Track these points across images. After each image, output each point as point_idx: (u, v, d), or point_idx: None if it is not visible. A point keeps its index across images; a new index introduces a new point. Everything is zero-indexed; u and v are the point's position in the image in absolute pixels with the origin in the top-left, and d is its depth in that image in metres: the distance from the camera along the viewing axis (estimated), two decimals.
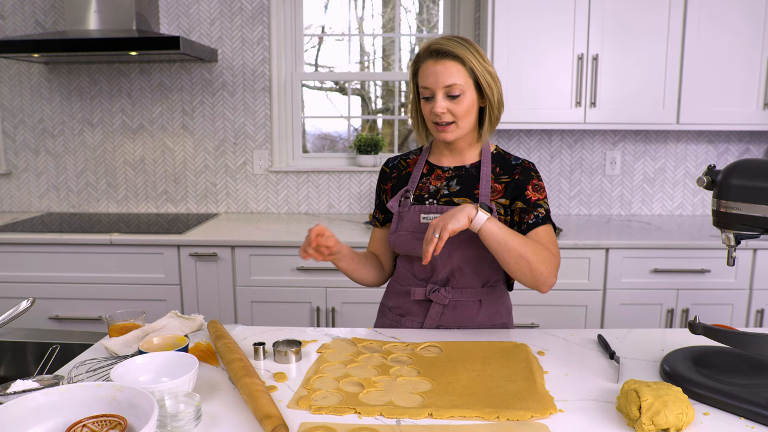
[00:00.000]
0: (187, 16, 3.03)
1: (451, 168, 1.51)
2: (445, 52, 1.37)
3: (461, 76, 1.38)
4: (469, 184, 1.48)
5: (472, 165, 1.50)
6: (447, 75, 1.37)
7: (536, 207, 1.44)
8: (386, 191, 1.58)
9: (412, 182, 1.53)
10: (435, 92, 1.39)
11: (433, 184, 1.51)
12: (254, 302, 2.61)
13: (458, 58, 1.37)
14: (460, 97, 1.39)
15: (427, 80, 1.40)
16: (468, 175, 1.49)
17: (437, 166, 1.53)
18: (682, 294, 2.53)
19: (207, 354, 1.30)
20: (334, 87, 3.35)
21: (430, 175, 1.53)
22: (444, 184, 1.50)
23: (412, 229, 1.48)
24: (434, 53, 1.39)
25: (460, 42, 1.39)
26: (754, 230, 1.13)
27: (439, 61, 1.38)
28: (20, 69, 3.11)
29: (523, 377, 1.19)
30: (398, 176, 1.58)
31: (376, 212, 1.63)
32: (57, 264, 2.62)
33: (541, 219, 1.43)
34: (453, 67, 1.38)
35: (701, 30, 2.62)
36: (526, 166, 1.49)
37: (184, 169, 3.17)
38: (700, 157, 3.09)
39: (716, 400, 1.07)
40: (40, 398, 0.94)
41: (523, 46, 2.66)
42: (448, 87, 1.38)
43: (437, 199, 1.49)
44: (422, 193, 1.51)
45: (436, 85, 1.38)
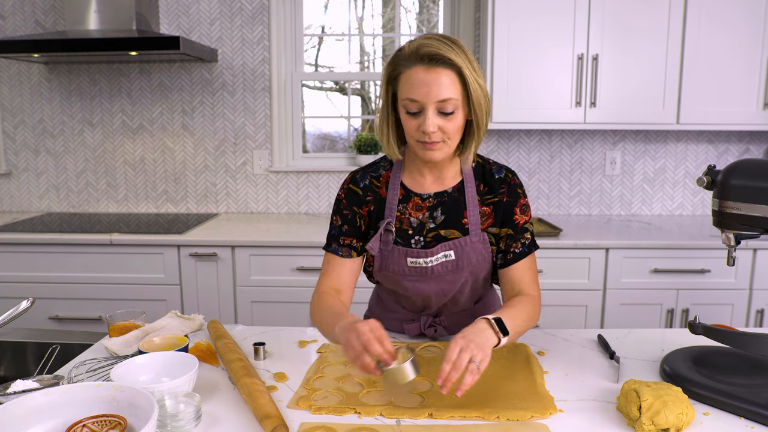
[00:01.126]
0: (187, 16, 3.03)
1: (431, 195, 1.33)
2: (440, 57, 1.15)
3: (456, 89, 1.17)
4: (454, 211, 1.32)
5: (454, 188, 1.33)
6: (441, 87, 1.15)
7: (523, 232, 1.33)
8: (363, 216, 1.35)
9: (389, 210, 1.32)
10: (425, 107, 1.17)
11: (414, 215, 1.32)
12: (254, 302, 2.61)
13: (454, 66, 1.16)
14: (453, 114, 1.18)
15: (416, 91, 1.17)
16: (452, 201, 1.32)
17: (413, 192, 1.33)
18: (682, 294, 2.53)
19: (207, 354, 1.30)
20: (334, 87, 3.34)
21: (406, 201, 1.33)
22: (426, 215, 1.32)
23: (400, 272, 1.33)
24: (426, 58, 1.15)
25: (451, 46, 1.17)
26: (754, 230, 1.13)
27: (432, 69, 1.16)
28: (20, 69, 3.11)
29: (523, 377, 1.20)
30: (374, 200, 1.35)
31: (345, 239, 1.34)
32: (57, 264, 2.62)
33: (527, 247, 1.33)
34: (448, 78, 1.16)
35: (701, 30, 2.62)
36: (511, 183, 1.33)
37: (184, 169, 3.17)
38: (700, 157, 3.09)
39: (716, 400, 1.07)
40: (40, 398, 0.94)
41: (523, 46, 2.66)
42: (442, 102, 1.16)
43: (423, 235, 1.31)
44: (403, 226, 1.32)
45: (428, 99, 1.16)
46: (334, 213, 1.37)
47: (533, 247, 1.35)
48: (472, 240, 1.31)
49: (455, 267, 1.32)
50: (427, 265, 1.31)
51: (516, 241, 1.33)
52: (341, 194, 1.37)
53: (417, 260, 1.31)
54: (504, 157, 3.10)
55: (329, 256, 1.36)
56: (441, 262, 1.31)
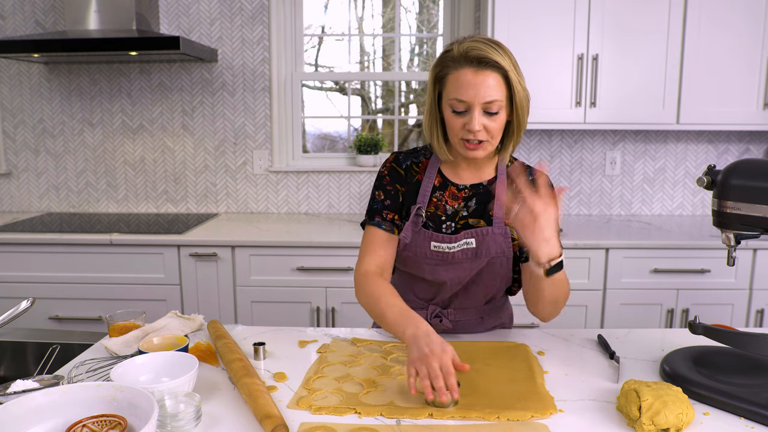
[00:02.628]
0: (187, 16, 3.03)
1: (468, 186, 1.38)
2: (488, 60, 1.21)
3: (502, 90, 1.23)
4: (485, 202, 1.38)
5: (489, 181, 1.39)
6: (489, 89, 1.21)
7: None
8: (403, 194, 1.40)
9: (422, 196, 1.37)
10: (472, 107, 1.23)
11: (450, 204, 1.38)
12: (254, 302, 2.61)
13: (500, 69, 1.22)
14: (498, 114, 1.25)
15: (464, 92, 1.22)
16: (485, 193, 1.38)
17: (451, 181, 1.39)
18: (682, 294, 2.53)
19: (207, 354, 1.30)
20: (334, 87, 3.34)
21: (444, 190, 1.39)
22: (462, 205, 1.38)
23: (422, 255, 1.37)
24: (475, 61, 1.21)
25: (497, 49, 1.23)
26: (754, 230, 1.13)
27: (481, 72, 1.21)
28: (20, 69, 3.11)
29: (523, 377, 1.20)
30: (411, 183, 1.40)
31: (389, 214, 1.38)
32: (57, 264, 2.62)
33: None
34: (495, 81, 1.22)
35: (701, 30, 2.62)
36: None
37: (184, 169, 3.17)
38: (700, 157, 3.09)
39: (716, 400, 1.07)
40: (40, 398, 0.94)
41: (523, 46, 2.66)
42: (488, 103, 1.22)
43: (456, 221, 1.37)
44: (437, 212, 1.37)
45: (476, 100, 1.22)
46: (377, 188, 1.41)
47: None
48: (494, 231, 1.35)
49: (474, 255, 1.35)
50: (450, 251, 1.35)
51: None
52: (384, 171, 1.42)
53: (440, 245, 1.35)
54: None
55: (373, 230, 1.38)
56: (462, 248, 1.35)
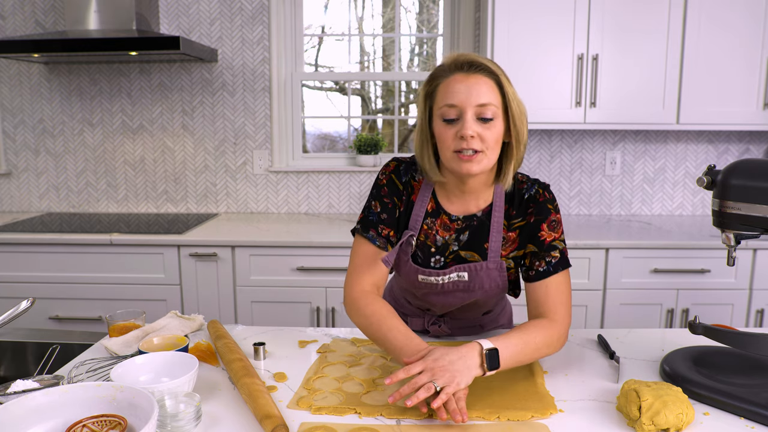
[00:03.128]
0: (187, 16, 3.03)
1: (461, 218, 1.28)
2: (479, 65, 1.17)
3: (495, 96, 1.16)
4: (479, 236, 1.28)
5: (484, 212, 1.28)
6: (480, 91, 1.15)
7: (550, 250, 1.24)
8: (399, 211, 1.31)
9: (414, 221, 1.29)
10: (464, 111, 1.15)
11: (441, 234, 1.29)
12: (254, 302, 2.61)
13: (492, 75, 1.17)
14: (493, 122, 1.16)
15: (454, 96, 1.16)
16: (479, 225, 1.28)
17: (444, 210, 1.29)
18: (682, 294, 2.53)
19: (207, 354, 1.30)
20: (334, 87, 3.34)
21: (435, 217, 1.29)
22: (453, 237, 1.29)
23: (409, 282, 1.33)
24: (465, 65, 1.17)
25: (488, 60, 1.20)
26: (754, 230, 1.13)
27: (472, 75, 1.16)
28: (20, 69, 3.11)
29: (523, 377, 1.20)
30: (407, 201, 1.31)
31: (384, 230, 1.30)
32: (57, 264, 2.62)
33: (552, 266, 1.23)
34: (486, 84, 1.16)
35: (701, 30, 2.62)
36: (540, 201, 1.26)
37: (184, 169, 3.17)
38: (700, 157, 3.09)
39: (716, 400, 1.07)
40: (40, 398, 0.94)
41: (523, 46, 2.66)
42: (481, 107, 1.15)
43: (445, 256, 1.29)
44: (427, 241, 1.29)
45: (467, 103, 1.15)
46: (374, 197, 1.32)
47: (561, 266, 1.24)
48: (488, 266, 1.27)
49: (467, 288, 1.29)
50: (438, 282, 1.29)
51: (540, 259, 1.24)
52: (383, 180, 1.32)
53: (428, 278, 1.29)
54: None
55: (365, 245, 1.29)
56: (453, 281, 1.28)
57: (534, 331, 1.16)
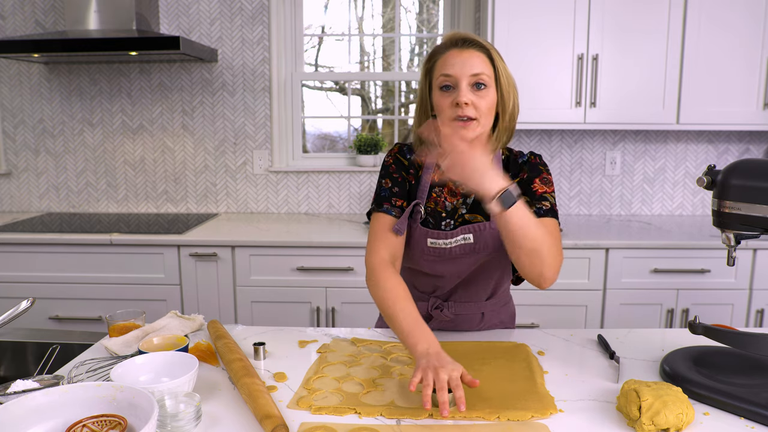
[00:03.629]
0: (187, 16, 3.03)
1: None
2: (472, 41, 1.30)
3: (487, 67, 1.28)
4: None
5: None
6: (474, 63, 1.27)
7: (541, 200, 1.34)
8: (410, 183, 1.41)
9: (421, 191, 1.39)
10: (459, 80, 1.26)
11: (449, 200, 1.38)
12: (254, 302, 2.61)
13: (484, 49, 1.29)
14: (486, 90, 1.27)
15: (450, 68, 1.27)
16: None
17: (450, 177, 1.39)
18: (682, 294, 2.53)
19: (207, 354, 1.30)
20: (334, 87, 3.34)
21: (442, 186, 1.39)
22: (460, 201, 1.38)
23: (419, 250, 1.38)
24: (460, 41, 1.30)
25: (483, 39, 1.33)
26: (754, 230, 1.13)
27: (466, 50, 1.29)
28: (20, 69, 3.11)
29: (523, 377, 1.19)
30: (415, 175, 1.42)
31: (397, 201, 1.39)
32: (57, 264, 2.62)
33: (543, 211, 1.32)
34: (479, 57, 1.28)
35: (701, 30, 2.62)
36: (533, 162, 1.39)
37: (184, 169, 3.17)
38: (700, 157, 3.09)
39: (716, 400, 1.07)
40: (40, 398, 0.94)
41: (523, 46, 2.66)
42: (475, 75, 1.26)
43: (455, 219, 1.37)
44: (437, 208, 1.38)
45: (462, 73, 1.26)
46: (383, 177, 1.41)
47: (550, 213, 1.32)
48: (491, 226, 1.34)
49: (472, 250, 1.35)
50: (447, 246, 1.35)
51: (531, 206, 1.32)
52: (389, 160, 1.42)
53: (437, 241, 1.35)
54: None
55: (381, 217, 1.36)
56: (460, 244, 1.35)
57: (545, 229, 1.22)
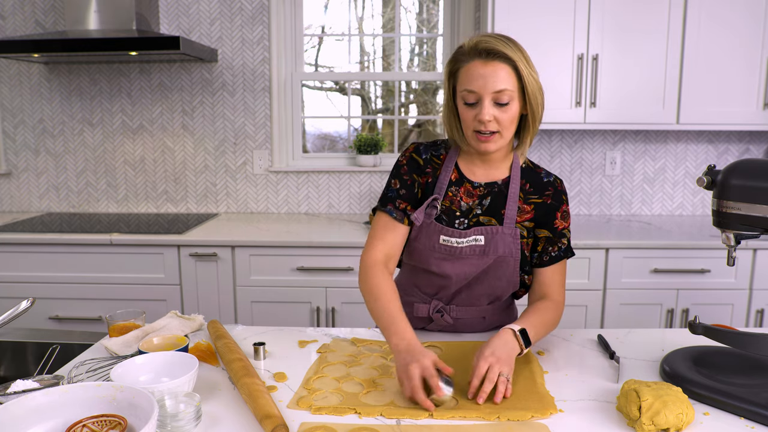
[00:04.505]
0: (187, 16, 3.03)
1: (483, 184, 1.38)
2: (497, 52, 1.25)
3: (511, 81, 1.26)
4: (497, 203, 1.38)
5: (503, 181, 1.39)
6: (497, 79, 1.24)
7: (561, 237, 1.40)
8: (421, 185, 1.40)
9: (439, 188, 1.38)
10: (482, 97, 1.25)
11: (465, 200, 1.38)
12: (254, 302, 2.61)
13: (509, 61, 1.26)
14: (509, 105, 1.27)
15: (473, 83, 1.26)
16: (499, 193, 1.38)
17: (467, 178, 1.39)
18: (682, 294, 2.53)
19: (207, 354, 1.30)
20: (334, 87, 3.34)
21: (459, 186, 1.39)
22: (476, 202, 1.38)
23: (430, 248, 1.38)
24: (484, 53, 1.25)
25: (508, 43, 1.28)
26: (754, 230, 1.13)
27: (489, 63, 1.25)
28: (20, 69, 3.11)
29: (523, 377, 1.20)
30: (432, 173, 1.40)
31: (401, 204, 1.38)
32: (57, 264, 2.62)
33: (563, 252, 1.40)
34: (503, 71, 1.25)
35: (701, 30, 2.62)
36: (558, 189, 1.40)
37: (184, 169, 3.17)
38: (700, 157, 3.09)
39: (716, 400, 1.07)
40: (40, 398, 0.94)
41: (523, 46, 2.65)
42: (498, 93, 1.25)
43: (469, 218, 1.38)
44: (452, 206, 1.38)
45: (485, 90, 1.25)
46: (393, 177, 1.42)
47: (568, 252, 1.42)
48: (504, 231, 1.36)
49: (482, 252, 1.37)
50: (458, 245, 1.36)
51: (554, 244, 1.40)
52: (402, 160, 1.42)
53: (449, 239, 1.36)
54: None
55: (383, 217, 1.39)
56: (470, 245, 1.37)
57: (546, 313, 1.35)
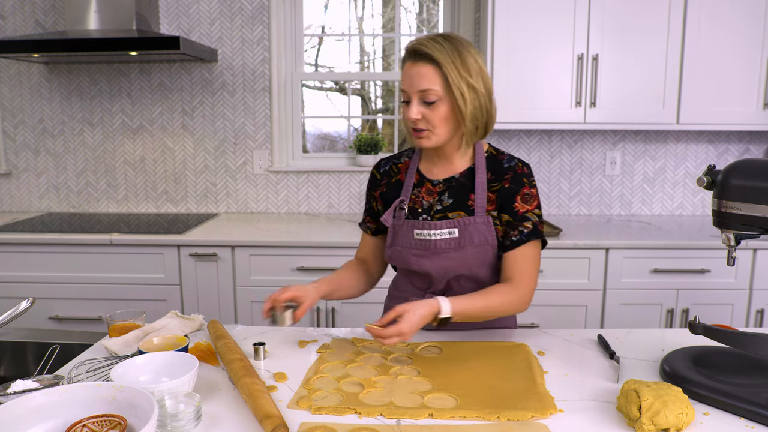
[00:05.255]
0: (187, 16, 3.03)
1: (441, 181, 1.44)
2: (423, 54, 1.29)
3: (437, 81, 1.29)
4: (461, 195, 1.41)
5: (462, 174, 1.42)
6: (421, 79, 1.29)
7: (523, 220, 1.37)
8: (376, 199, 1.53)
9: (405, 192, 1.46)
10: (411, 96, 1.32)
11: (426, 198, 1.44)
12: (254, 302, 2.61)
13: (435, 62, 1.29)
14: (436, 104, 1.31)
15: (404, 82, 1.33)
16: (459, 186, 1.42)
17: (427, 178, 1.46)
18: (682, 294, 2.53)
19: (207, 354, 1.30)
20: (334, 87, 3.34)
21: (420, 186, 1.46)
22: (436, 199, 1.43)
23: (407, 245, 1.43)
24: (412, 54, 1.32)
25: (442, 44, 1.29)
26: (754, 230, 1.13)
27: (416, 64, 1.31)
28: (20, 69, 3.11)
29: (523, 377, 1.20)
30: (387, 184, 1.50)
31: (367, 219, 1.57)
32: (57, 264, 2.62)
33: (525, 235, 1.36)
34: (429, 72, 1.29)
35: (701, 30, 2.62)
36: (518, 172, 1.39)
37: (184, 169, 3.17)
38: (700, 157, 3.09)
39: (716, 400, 1.07)
40: (40, 398, 0.94)
41: (523, 46, 2.66)
42: (423, 92, 1.30)
43: (431, 215, 1.42)
44: (415, 206, 1.45)
45: (411, 89, 1.31)
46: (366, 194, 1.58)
47: (533, 236, 1.37)
48: (476, 221, 1.38)
49: (458, 245, 1.39)
50: (432, 238, 1.40)
51: (514, 228, 1.38)
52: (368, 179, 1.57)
53: (422, 232, 1.41)
54: None
55: (361, 230, 1.61)
56: (445, 238, 1.39)
57: (495, 296, 1.33)
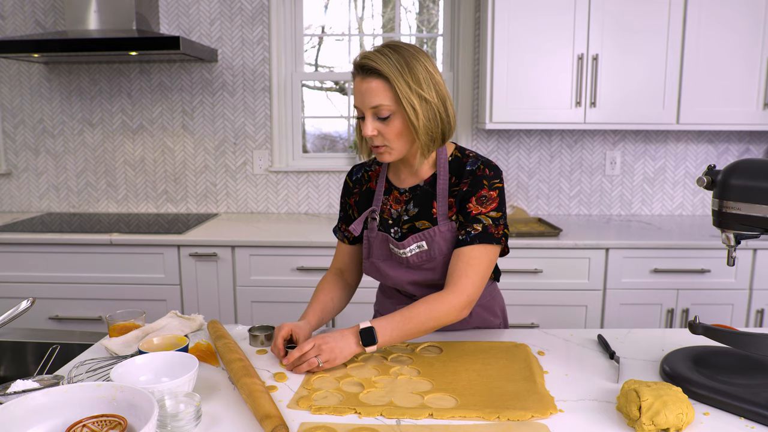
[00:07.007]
0: (187, 16, 3.03)
1: (407, 190, 1.40)
2: (370, 68, 1.24)
3: (388, 96, 1.24)
4: (425, 203, 1.37)
5: (426, 182, 1.38)
6: (372, 95, 1.24)
7: (473, 222, 1.30)
8: (351, 206, 1.50)
9: (376, 201, 1.43)
10: (364, 112, 1.27)
11: (394, 207, 1.42)
12: (254, 302, 2.61)
13: (383, 77, 1.23)
14: (390, 119, 1.26)
15: (356, 99, 1.28)
16: (423, 194, 1.38)
17: (394, 186, 1.43)
18: (682, 294, 2.53)
19: (207, 354, 1.30)
20: (334, 87, 3.34)
21: (389, 195, 1.43)
22: (403, 208, 1.40)
23: (383, 257, 1.42)
24: (360, 69, 1.26)
25: (389, 56, 1.23)
26: (754, 230, 1.13)
27: (365, 79, 1.25)
28: (20, 69, 3.11)
29: (523, 377, 1.20)
30: (360, 192, 1.48)
31: (343, 227, 1.52)
32: (57, 264, 2.62)
33: (470, 237, 1.29)
34: (378, 87, 1.24)
35: (701, 30, 2.62)
36: (478, 174, 1.32)
37: (184, 169, 3.17)
38: (700, 157, 3.09)
39: (716, 400, 1.07)
40: (40, 398, 0.94)
41: (523, 46, 2.66)
42: (375, 108, 1.25)
43: (400, 226, 1.40)
44: (384, 215, 1.43)
45: (363, 106, 1.26)
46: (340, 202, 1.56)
47: (479, 239, 1.29)
48: (440, 229, 1.36)
49: (429, 257, 1.37)
50: (403, 256, 1.39)
51: (463, 228, 1.32)
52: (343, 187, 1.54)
53: (395, 248, 1.40)
54: (504, 157, 3.10)
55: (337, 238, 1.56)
56: (415, 253, 1.38)
57: (419, 307, 1.27)
